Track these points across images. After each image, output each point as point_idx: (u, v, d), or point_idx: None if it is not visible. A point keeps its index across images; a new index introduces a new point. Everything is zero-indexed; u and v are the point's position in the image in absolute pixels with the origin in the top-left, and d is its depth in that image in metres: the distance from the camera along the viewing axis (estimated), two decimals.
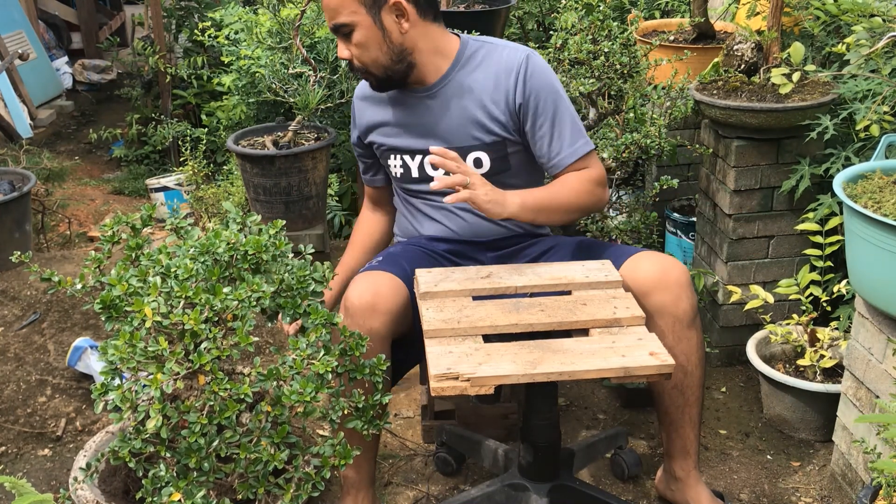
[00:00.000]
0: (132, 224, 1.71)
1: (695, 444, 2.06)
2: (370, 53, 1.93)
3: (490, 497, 1.97)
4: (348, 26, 1.90)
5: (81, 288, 1.61)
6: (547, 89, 1.96)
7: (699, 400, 2.02)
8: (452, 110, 1.99)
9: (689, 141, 2.95)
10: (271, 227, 1.68)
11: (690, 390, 1.98)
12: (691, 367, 1.96)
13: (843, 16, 2.62)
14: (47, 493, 1.42)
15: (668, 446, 2.09)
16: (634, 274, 1.91)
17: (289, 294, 1.63)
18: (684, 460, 2.07)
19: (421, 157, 2.05)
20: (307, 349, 1.55)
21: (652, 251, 1.98)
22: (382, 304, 1.82)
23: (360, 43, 1.92)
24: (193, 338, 1.48)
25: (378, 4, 1.89)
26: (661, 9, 3.90)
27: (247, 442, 1.51)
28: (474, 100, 1.98)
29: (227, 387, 1.47)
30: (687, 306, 1.90)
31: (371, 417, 1.66)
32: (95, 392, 1.47)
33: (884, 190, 1.87)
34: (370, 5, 1.89)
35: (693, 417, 2.02)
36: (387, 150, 2.10)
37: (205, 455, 1.48)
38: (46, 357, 2.69)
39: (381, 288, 1.83)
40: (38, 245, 3.50)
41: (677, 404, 2.00)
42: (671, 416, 2.02)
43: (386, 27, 1.91)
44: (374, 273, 1.89)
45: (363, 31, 1.90)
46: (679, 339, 1.91)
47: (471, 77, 1.98)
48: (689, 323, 1.92)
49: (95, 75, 5.92)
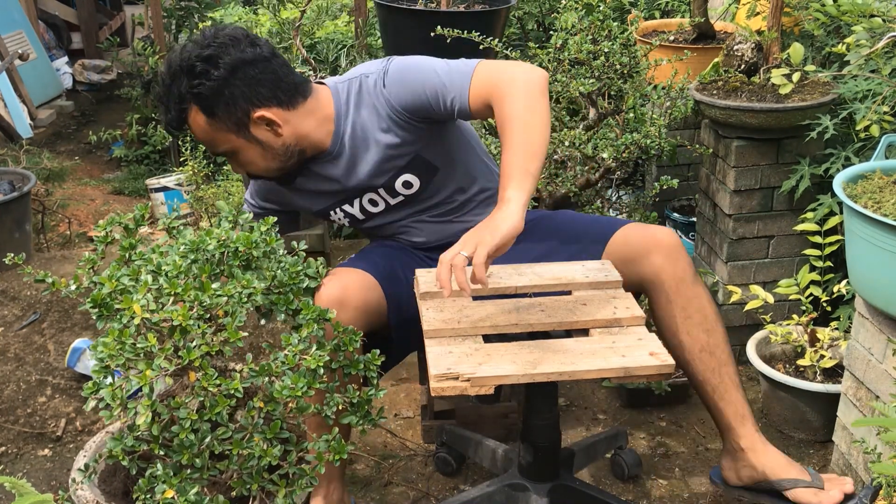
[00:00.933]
0: (125, 224, 1.71)
1: (746, 406, 1.93)
2: (258, 167, 1.96)
3: (490, 497, 1.97)
4: (228, 153, 1.93)
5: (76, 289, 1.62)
6: (404, 71, 1.91)
7: (731, 357, 1.94)
8: (360, 159, 1.98)
9: (689, 141, 2.95)
10: (262, 224, 1.68)
11: (720, 349, 1.92)
12: (711, 324, 1.91)
13: (842, 16, 2.62)
14: (47, 493, 1.42)
15: (721, 420, 1.95)
16: (624, 244, 1.92)
17: (281, 290, 1.63)
18: (743, 426, 1.93)
19: (357, 200, 2.06)
20: (299, 344, 1.55)
21: (636, 222, 1.98)
22: (351, 300, 1.82)
23: (246, 162, 1.95)
24: (183, 334, 1.48)
25: (244, 125, 1.88)
26: (661, 9, 3.90)
27: (239, 438, 1.51)
28: (372, 139, 1.96)
29: (218, 382, 1.47)
30: (685, 264, 1.89)
31: (366, 412, 1.66)
32: (87, 391, 1.47)
33: (884, 190, 1.87)
34: (237, 130, 1.88)
35: (733, 377, 1.92)
36: (319, 214, 2.12)
37: (197, 452, 1.48)
38: (46, 357, 2.69)
39: (350, 283, 1.84)
40: (38, 245, 3.50)
41: (711, 367, 1.91)
42: (712, 383, 1.92)
43: (262, 140, 1.91)
44: (343, 270, 1.90)
45: (244, 152, 1.92)
46: (689, 299, 1.88)
47: (358, 121, 1.96)
48: (693, 280, 1.89)
49: (95, 75, 5.92)
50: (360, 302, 1.84)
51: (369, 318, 1.87)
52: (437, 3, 3.30)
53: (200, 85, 1.83)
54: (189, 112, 1.87)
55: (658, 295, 1.90)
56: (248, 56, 1.86)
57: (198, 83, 1.83)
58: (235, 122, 1.87)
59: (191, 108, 1.86)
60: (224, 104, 1.85)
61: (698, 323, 1.90)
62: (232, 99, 1.85)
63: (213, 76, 1.83)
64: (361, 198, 2.05)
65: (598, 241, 1.98)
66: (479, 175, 2.10)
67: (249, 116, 1.87)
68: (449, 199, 2.07)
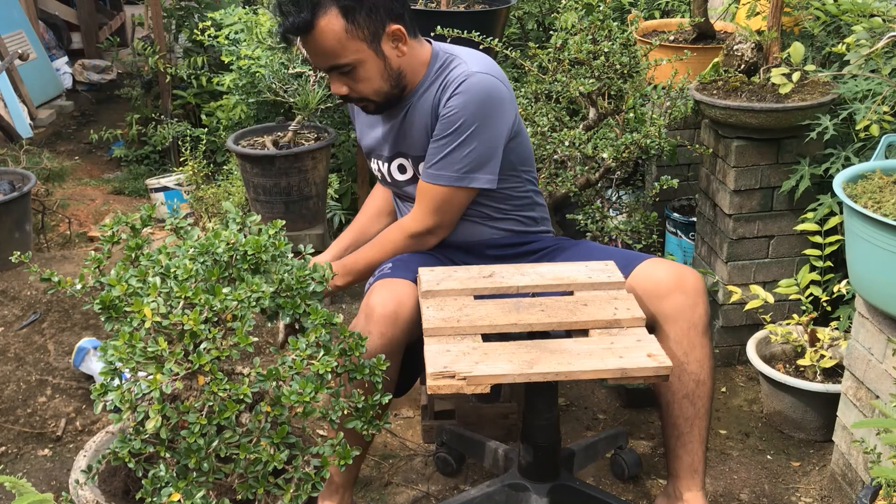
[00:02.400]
0: (132, 224, 1.71)
1: (703, 463, 1.96)
2: (372, 85, 1.92)
3: (490, 497, 1.97)
4: (350, 65, 1.88)
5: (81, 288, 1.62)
6: (463, 111, 1.89)
7: (708, 413, 1.95)
8: (415, 126, 1.99)
9: (689, 141, 2.95)
10: (271, 227, 1.68)
11: (701, 401, 1.92)
12: (703, 377, 1.91)
13: (843, 16, 2.62)
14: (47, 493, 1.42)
15: (674, 465, 1.98)
16: (651, 276, 1.88)
17: (288, 294, 1.63)
18: (691, 479, 1.96)
19: (387, 164, 2.08)
20: (307, 349, 1.55)
21: (666, 259, 1.96)
22: (404, 314, 1.81)
23: (363, 78, 1.90)
24: (193, 338, 1.48)
25: (377, 36, 1.87)
26: (661, 9, 3.90)
27: (246, 442, 1.51)
28: (430, 116, 1.96)
29: (227, 387, 1.47)
30: (703, 312, 1.87)
31: (371, 418, 1.66)
32: (95, 392, 1.47)
33: (884, 190, 1.87)
34: (370, 40, 1.86)
35: (702, 432, 1.94)
36: (366, 152, 2.14)
37: (204, 455, 1.48)
38: (46, 357, 2.69)
39: (403, 297, 1.83)
40: (38, 245, 3.50)
41: (687, 415, 1.92)
42: (679, 428, 1.94)
43: (387, 56, 1.90)
44: (394, 281, 1.88)
45: (367, 66, 1.89)
46: (694, 346, 1.87)
47: (431, 93, 1.96)
48: (704, 330, 1.88)
49: (95, 75, 5.92)
50: (412, 314, 1.83)
51: (415, 331, 1.85)
52: (437, 3, 3.29)
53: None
54: (324, 14, 1.81)
55: (667, 333, 1.88)
56: None
57: None
58: (373, 31, 1.85)
59: (329, 10, 1.81)
60: (367, 10, 1.83)
61: (692, 371, 1.90)
62: (374, 6, 1.84)
63: None
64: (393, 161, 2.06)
65: (623, 267, 1.94)
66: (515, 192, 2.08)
67: (385, 28, 1.86)
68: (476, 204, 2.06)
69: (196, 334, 1.47)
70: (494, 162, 1.95)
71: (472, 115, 1.88)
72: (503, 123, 1.94)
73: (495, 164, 1.95)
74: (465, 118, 1.88)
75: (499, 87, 1.92)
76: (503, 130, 1.95)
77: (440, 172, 1.94)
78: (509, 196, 2.07)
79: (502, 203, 2.07)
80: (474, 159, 1.92)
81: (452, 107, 1.89)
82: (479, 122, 1.89)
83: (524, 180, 2.10)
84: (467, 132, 1.89)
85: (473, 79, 1.89)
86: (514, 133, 2.00)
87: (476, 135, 1.90)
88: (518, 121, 2.02)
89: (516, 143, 2.03)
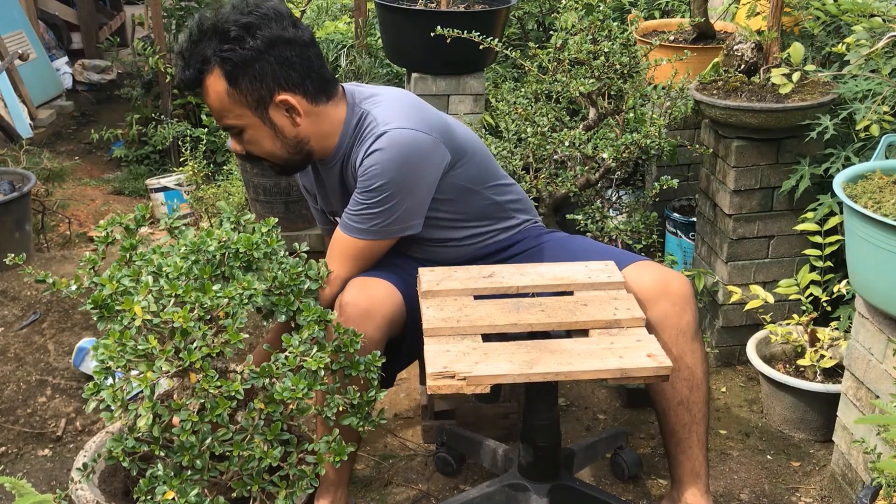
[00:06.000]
0: (126, 225, 1.71)
1: (705, 467, 1.94)
2: (263, 148, 1.88)
3: (490, 497, 1.97)
4: (236, 127, 1.84)
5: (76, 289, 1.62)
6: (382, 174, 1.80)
7: (706, 417, 1.93)
8: (342, 188, 1.97)
9: (689, 141, 2.95)
10: (263, 225, 1.68)
11: (697, 406, 1.91)
12: (697, 382, 1.89)
13: (843, 16, 2.62)
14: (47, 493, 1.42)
15: (676, 471, 1.97)
16: (635, 282, 1.86)
17: (282, 291, 1.63)
18: (695, 485, 1.94)
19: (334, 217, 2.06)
20: (300, 346, 1.55)
21: (653, 262, 1.93)
22: (377, 310, 1.81)
23: (252, 141, 1.86)
24: (184, 336, 1.48)
25: (264, 104, 1.80)
26: (661, 9, 3.90)
27: (240, 440, 1.51)
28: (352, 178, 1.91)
29: (219, 384, 1.47)
30: (690, 318, 1.86)
31: (366, 414, 1.66)
32: (87, 392, 1.47)
33: (884, 190, 1.87)
34: (255, 107, 1.80)
35: (701, 436, 1.93)
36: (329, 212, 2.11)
37: (198, 453, 1.48)
38: (46, 357, 2.69)
39: (376, 296, 1.83)
40: (38, 245, 3.50)
41: (684, 422, 1.91)
42: (678, 435, 1.93)
43: (277, 124, 1.84)
44: (368, 281, 1.87)
45: (252, 131, 1.84)
46: (683, 352, 1.86)
47: (352, 154, 1.91)
48: (693, 335, 1.87)
49: (95, 75, 5.92)
50: (386, 313, 1.82)
51: (392, 329, 1.86)
52: (437, 3, 3.30)
53: (231, 51, 1.75)
54: (209, 74, 1.78)
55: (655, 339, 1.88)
56: (289, 35, 1.79)
57: (229, 48, 1.75)
58: (257, 98, 1.80)
59: (213, 71, 1.77)
60: (251, 77, 1.77)
61: (685, 378, 1.88)
62: (260, 74, 1.77)
63: (248, 45, 1.75)
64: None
65: None
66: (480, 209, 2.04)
67: (272, 97, 1.80)
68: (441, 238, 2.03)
69: (187, 332, 1.47)
70: (422, 210, 1.90)
71: (393, 176, 1.80)
72: (429, 172, 1.87)
73: (423, 210, 1.90)
74: (385, 181, 1.80)
75: (416, 139, 1.82)
76: (432, 178, 1.88)
77: (359, 226, 1.87)
78: (474, 215, 2.03)
79: (469, 222, 2.03)
80: (398, 217, 1.86)
81: (369, 167, 1.81)
82: (399, 183, 1.82)
83: (486, 195, 2.03)
84: (387, 194, 1.82)
85: (388, 137, 1.80)
86: (453, 164, 1.92)
87: (398, 195, 1.83)
88: (457, 149, 1.93)
89: (461, 170, 1.95)
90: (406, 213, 1.87)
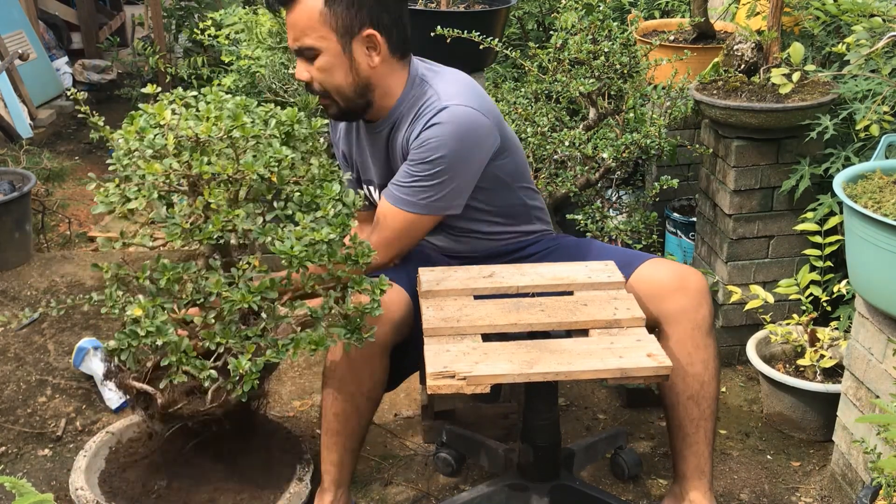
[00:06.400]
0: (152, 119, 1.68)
1: (710, 464, 1.95)
2: (333, 80, 1.86)
3: (490, 497, 1.97)
4: (314, 50, 1.83)
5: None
6: (439, 147, 1.82)
7: (714, 414, 1.93)
8: (386, 156, 1.97)
9: (689, 141, 2.95)
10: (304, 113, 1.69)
11: (706, 402, 1.91)
12: (708, 378, 1.89)
13: (843, 16, 2.62)
14: (47, 493, 1.41)
15: (680, 467, 1.97)
16: (653, 277, 1.87)
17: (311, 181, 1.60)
18: (699, 480, 1.94)
19: (369, 187, 2.06)
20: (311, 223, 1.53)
21: (668, 259, 1.95)
22: (387, 317, 1.80)
23: (325, 68, 1.84)
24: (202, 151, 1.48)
25: (350, 33, 1.81)
26: (661, 9, 3.90)
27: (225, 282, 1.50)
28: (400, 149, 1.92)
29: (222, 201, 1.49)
30: (706, 313, 1.86)
31: (356, 327, 1.63)
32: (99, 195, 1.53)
33: (884, 190, 1.87)
34: (342, 32, 1.80)
35: (708, 433, 1.93)
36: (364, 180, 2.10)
37: (178, 279, 1.47)
38: (46, 357, 2.69)
39: (387, 299, 1.81)
40: (38, 245, 3.50)
41: (692, 417, 1.91)
42: (685, 430, 1.93)
43: (355, 58, 1.84)
44: None
45: (329, 57, 1.82)
46: (698, 347, 1.86)
47: (404, 124, 1.91)
48: (708, 330, 1.88)
49: (95, 75, 5.91)
50: (393, 315, 1.82)
51: (399, 332, 1.86)
52: (437, 3, 3.29)
53: None
54: None
55: (670, 334, 1.87)
56: None
57: None
58: (347, 24, 1.80)
59: None
60: (349, 2, 1.78)
61: (697, 372, 1.88)
62: (359, 3, 1.79)
63: None
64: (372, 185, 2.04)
65: (624, 266, 1.93)
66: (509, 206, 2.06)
67: (361, 29, 1.81)
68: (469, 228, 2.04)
69: (206, 150, 1.46)
70: (467, 191, 1.92)
71: (449, 151, 1.82)
72: (482, 154, 1.89)
73: (468, 191, 1.92)
74: (442, 154, 1.82)
75: (476, 119, 1.84)
76: (482, 160, 1.90)
77: (408, 198, 1.87)
78: (503, 211, 2.05)
79: (497, 217, 2.05)
80: (447, 194, 1.87)
81: (428, 139, 1.83)
82: (455, 159, 1.83)
83: (518, 195, 2.06)
84: (442, 167, 1.84)
85: (449, 112, 1.82)
86: (499, 153, 1.94)
87: (451, 171, 1.85)
88: (504, 139, 1.96)
89: (504, 162, 1.97)
90: (454, 191, 1.88)
